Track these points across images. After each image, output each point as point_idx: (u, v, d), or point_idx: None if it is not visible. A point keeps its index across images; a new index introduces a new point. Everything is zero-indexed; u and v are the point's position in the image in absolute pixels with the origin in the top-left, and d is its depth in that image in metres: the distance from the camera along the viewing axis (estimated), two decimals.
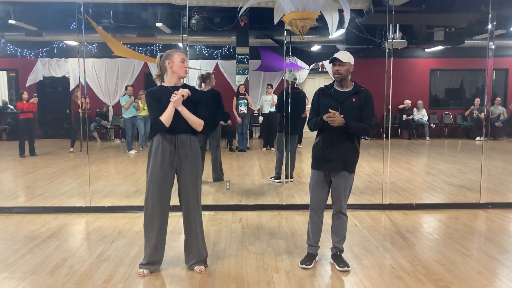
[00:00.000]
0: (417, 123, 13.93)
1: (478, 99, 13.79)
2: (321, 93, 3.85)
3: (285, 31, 6.23)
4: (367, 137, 13.68)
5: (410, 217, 5.36)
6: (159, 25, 10.82)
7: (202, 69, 11.25)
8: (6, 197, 6.37)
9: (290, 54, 6.26)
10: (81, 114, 6.06)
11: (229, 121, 11.83)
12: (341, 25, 8.63)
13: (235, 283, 3.50)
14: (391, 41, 6.54)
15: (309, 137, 4.08)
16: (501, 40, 11.78)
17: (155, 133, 3.62)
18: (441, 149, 11.88)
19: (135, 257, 4.04)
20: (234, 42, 12.09)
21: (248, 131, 11.74)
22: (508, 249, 4.28)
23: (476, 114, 13.42)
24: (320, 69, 14.17)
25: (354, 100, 3.72)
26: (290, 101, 6.38)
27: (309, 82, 14.37)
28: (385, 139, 6.10)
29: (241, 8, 5.13)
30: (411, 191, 6.67)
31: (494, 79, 13.81)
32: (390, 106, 5.91)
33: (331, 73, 12.18)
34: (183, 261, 3.91)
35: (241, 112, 11.12)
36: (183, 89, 3.59)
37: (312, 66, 13.54)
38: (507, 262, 3.95)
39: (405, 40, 11.03)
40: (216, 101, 6.97)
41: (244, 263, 3.91)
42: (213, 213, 5.51)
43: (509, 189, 6.79)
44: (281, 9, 4.94)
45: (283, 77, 7.57)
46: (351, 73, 3.93)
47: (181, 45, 10.62)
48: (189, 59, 6.10)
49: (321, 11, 4.94)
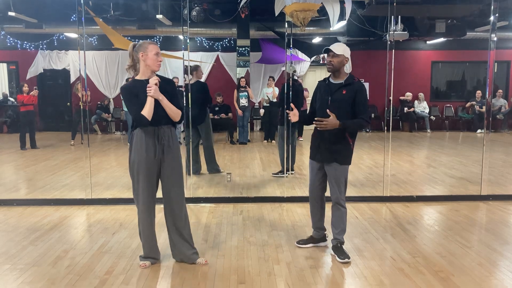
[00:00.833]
0: (418, 116, 13.91)
1: (479, 92, 13.75)
2: (318, 86, 3.94)
3: (286, 23, 6.20)
4: (368, 130, 13.69)
5: (410, 209, 5.37)
6: (159, 17, 10.78)
7: (200, 62, 11.20)
8: (7, 190, 6.39)
9: (291, 46, 6.23)
10: (81, 106, 6.06)
11: (230, 114, 11.85)
12: (342, 16, 8.60)
13: (236, 274, 3.51)
14: (392, 33, 6.50)
15: (310, 130, 4.08)
16: (503, 32, 11.74)
17: (135, 127, 3.53)
18: (442, 141, 11.87)
19: (136, 249, 4.05)
20: (235, 34, 12.05)
21: (249, 123, 11.73)
22: (508, 241, 4.29)
23: (477, 110, 13.38)
24: (321, 62, 14.13)
25: (344, 92, 3.71)
26: (289, 93, 6.37)
27: (310, 74, 14.33)
28: (386, 131, 6.09)
29: (241, 0, 5.11)
30: (412, 183, 6.67)
31: (495, 71, 13.76)
32: (391, 98, 5.91)
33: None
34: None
35: (242, 104, 11.11)
36: (153, 78, 3.50)
37: (313, 58, 13.50)
38: (507, 253, 3.96)
39: (406, 32, 10.99)
40: (202, 92, 6.99)
41: (245, 255, 3.92)
42: (214, 205, 5.52)
43: (510, 181, 6.79)
44: (282, 0, 4.92)
45: (283, 69, 7.55)
46: (352, 64, 3.94)
47: (181, 37, 10.58)
48: (189, 51, 6.09)
49: (322, 3, 4.92)
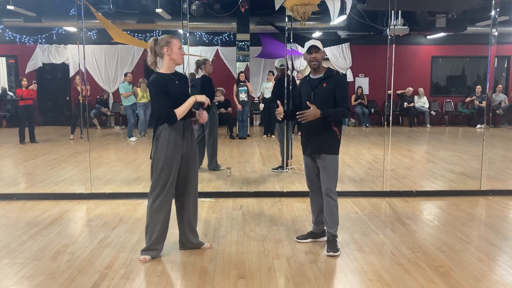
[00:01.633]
0: (418, 111, 13.90)
1: (479, 87, 13.73)
2: (300, 84, 4.11)
3: (286, 17, 6.18)
4: (367, 125, 13.68)
5: (410, 204, 5.37)
6: (159, 11, 10.73)
7: (199, 56, 11.16)
8: (7, 184, 6.38)
9: (291, 40, 6.21)
10: (81, 101, 6.04)
11: (230, 109, 11.83)
12: (342, 11, 8.57)
13: (236, 269, 3.52)
14: (393, 27, 6.47)
15: None
16: (503, 27, 11.70)
17: (163, 122, 3.56)
18: (441, 136, 11.87)
19: (136, 243, 4.06)
20: (234, 28, 12.00)
21: (248, 118, 11.72)
22: (508, 236, 4.29)
23: (477, 105, 13.37)
24: None
25: (324, 85, 3.86)
26: (281, 88, 6.39)
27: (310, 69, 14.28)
28: (386, 126, 6.09)
29: None
30: (411, 178, 6.67)
31: (496, 66, 13.74)
32: (392, 93, 5.88)
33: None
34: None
35: (242, 99, 11.08)
36: (201, 98, 3.67)
37: None
38: (507, 249, 3.96)
39: (407, 26, 10.95)
40: (207, 87, 6.88)
41: (245, 250, 3.92)
42: (213, 200, 5.51)
43: (510, 177, 6.79)
44: None
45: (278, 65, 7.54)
46: (353, 59, 4.00)
47: (181, 31, 10.54)
48: (189, 46, 6.06)
49: None
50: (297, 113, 3.77)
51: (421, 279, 3.35)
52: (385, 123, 6.08)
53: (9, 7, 10.50)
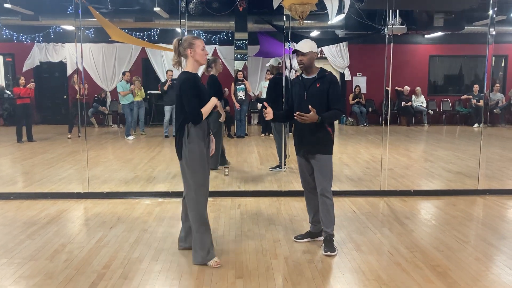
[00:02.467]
0: (415, 110, 13.91)
1: (476, 86, 13.76)
2: (292, 83, 4.09)
3: (285, 16, 6.18)
4: (365, 124, 13.69)
5: (408, 204, 5.38)
6: (156, 9, 10.70)
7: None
8: (4, 183, 6.37)
9: (289, 39, 6.21)
10: (78, 99, 6.02)
11: (227, 107, 11.81)
12: (340, 10, 8.57)
13: (234, 269, 3.52)
14: (391, 27, 6.48)
15: None
16: (501, 26, 11.72)
17: (189, 122, 3.52)
18: (439, 135, 11.89)
19: (134, 242, 4.05)
20: (232, 27, 11.97)
21: (246, 117, 11.71)
22: (505, 235, 4.31)
23: (474, 104, 13.40)
24: (319, 55, 14.09)
25: (318, 85, 3.84)
26: (277, 87, 6.40)
27: None
28: (383, 125, 6.09)
29: None
30: (409, 178, 6.68)
31: (493, 65, 13.77)
32: (389, 92, 5.89)
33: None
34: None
35: (239, 98, 11.08)
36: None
37: None
38: (504, 248, 3.98)
39: (404, 26, 10.95)
40: (213, 85, 6.86)
41: (243, 249, 3.92)
42: (212, 199, 5.49)
43: (507, 176, 6.81)
44: None
45: (276, 63, 7.57)
46: (351, 58, 3.99)
47: (179, 30, 10.51)
48: None
49: None
50: (298, 113, 3.72)
51: (419, 278, 3.36)
52: (383, 122, 6.08)
53: (6, 5, 10.45)
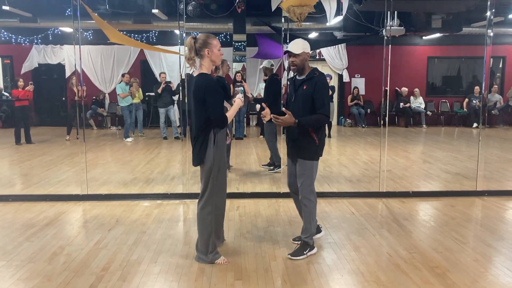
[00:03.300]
0: (414, 111, 13.94)
1: (477, 87, 13.76)
2: (288, 84, 4.03)
3: (283, 18, 6.19)
4: (363, 125, 13.70)
5: (407, 205, 5.38)
6: (155, 11, 10.70)
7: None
8: (2, 185, 6.35)
9: (287, 41, 6.22)
10: (77, 101, 6.02)
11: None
12: (339, 12, 8.59)
13: (233, 271, 3.51)
14: (389, 28, 6.49)
15: None
16: (498, 27, 11.74)
17: (214, 127, 3.48)
18: (437, 136, 11.90)
19: (133, 244, 4.05)
20: (231, 29, 11.99)
21: (245, 118, 11.70)
22: (504, 236, 4.31)
23: (477, 105, 13.37)
24: (317, 57, 14.11)
25: (305, 87, 3.74)
26: (271, 88, 6.41)
27: None
28: (382, 126, 6.10)
29: None
30: (408, 179, 6.69)
31: (491, 66, 13.80)
32: (388, 94, 5.89)
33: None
34: (181, 249, 3.94)
35: None
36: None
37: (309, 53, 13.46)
38: (503, 249, 3.98)
39: (403, 27, 10.98)
40: (222, 87, 6.87)
41: (241, 251, 3.92)
42: None
43: (505, 177, 6.82)
44: None
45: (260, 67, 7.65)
46: (349, 59, 3.97)
47: (177, 32, 10.52)
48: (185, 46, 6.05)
49: None
50: (272, 115, 3.67)
51: (418, 280, 3.36)
52: (381, 124, 6.09)
53: (5, 8, 10.44)
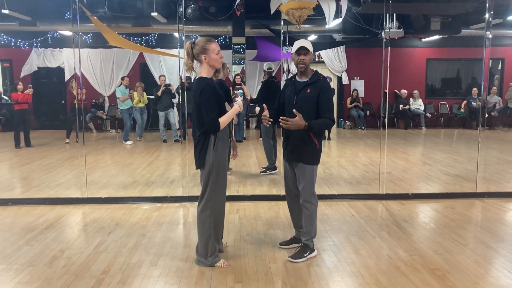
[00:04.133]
0: (413, 113, 13.95)
1: (475, 89, 13.80)
2: (285, 85, 3.93)
3: (282, 21, 6.19)
4: (363, 127, 13.71)
5: (406, 207, 5.38)
6: (154, 14, 10.72)
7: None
8: (2, 189, 6.35)
9: (287, 43, 6.22)
10: (76, 105, 6.02)
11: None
12: (338, 14, 8.60)
13: (233, 274, 3.51)
14: (388, 30, 6.51)
15: None
16: (497, 29, 11.77)
17: (208, 132, 3.44)
18: (437, 138, 11.91)
19: (133, 248, 4.04)
20: (230, 31, 11.99)
21: (244, 121, 11.70)
22: (504, 238, 4.31)
23: (474, 104, 13.41)
24: (316, 59, 14.12)
25: (308, 91, 3.66)
26: (268, 90, 6.41)
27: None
28: (381, 128, 6.10)
29: None
30: (407, 181, 6.69)
31: (490, 68, 13.81)
32: (387, 95, 5.90)
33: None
34: (181, 252, 3.94)
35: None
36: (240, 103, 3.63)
37: None
38: (503, 251, 3.98)
39: (401, 29, 11.00)
40: (222, 91, 6.83)
41: (242, 254, 3.92)
42: None
43: (505, 179, 6.83)
44: None
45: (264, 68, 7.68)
46: (348, 62, 3.95)
47: (177, 35, 10.53)
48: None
49: (318, 1, 4.92)
50: (281, 118, 3.58)
51: (418, 282, 3.36)
52: (381, 126, 6.09)
53: (4, 11, 10.44)
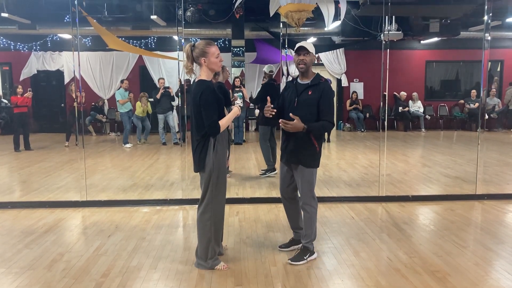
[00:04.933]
0: (412, 115, 13.96)
1: (474, 91, 13.82)
2: (286, 87, 3.90)
3: (281, 23, 6.21)
4: (363, 130, 13.72)
5: (406, 209, 5.38)
6: (153, 17, 10.73)
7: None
8: (1, 192, 6.34)
9: (286, 46, 6.24)
10: (76, 108, 6.03)
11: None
12: (337, 17, 8.61)
13: (233, 277, 3.50)
14: (387, 33, 6.52)
15: None
16: (496, 31, 11.80)
17: (208, 134, 3.45)
18: (436, 140, 11.91)
19: (132, 251, 4.04)
20: (229, 34, 12.02)
21: (244, 124, 11.71)
22: (504, 240, 4.31)
23: (473, 106, 13.42)
24: (315, 62, 14.13)
25: (310, 93, 3.64)
26: (268, 93, 6.39)
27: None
28: (381, 131, 6.10)
29: (236, 0, 5.11)
30: (407, 183, 6.69)
31: (489, 70, 13.83)
32: (386, 98, 5.91)
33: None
34: (180, 255, 3.93)
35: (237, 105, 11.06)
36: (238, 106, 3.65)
37: None
38: (503, 253, 3.98)
39: (400, 31, 11.02)
40: (221, 94, 6.84)
41: (241, 257, 3.91)
42: None
43: (505, 180, 6.83)
44: (277, 1, 4.93)
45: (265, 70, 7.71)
46: (347, 64, 3.94)
47: (176, 37, 10.54)
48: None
49: (317, 3, 4.92)
50: (281, 120, 3.58)
51: (418, 284, 3.35)
52: (380, 128, 6.10)
53: (3, 15, 10.46)
